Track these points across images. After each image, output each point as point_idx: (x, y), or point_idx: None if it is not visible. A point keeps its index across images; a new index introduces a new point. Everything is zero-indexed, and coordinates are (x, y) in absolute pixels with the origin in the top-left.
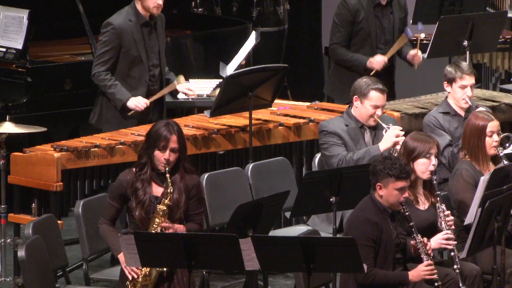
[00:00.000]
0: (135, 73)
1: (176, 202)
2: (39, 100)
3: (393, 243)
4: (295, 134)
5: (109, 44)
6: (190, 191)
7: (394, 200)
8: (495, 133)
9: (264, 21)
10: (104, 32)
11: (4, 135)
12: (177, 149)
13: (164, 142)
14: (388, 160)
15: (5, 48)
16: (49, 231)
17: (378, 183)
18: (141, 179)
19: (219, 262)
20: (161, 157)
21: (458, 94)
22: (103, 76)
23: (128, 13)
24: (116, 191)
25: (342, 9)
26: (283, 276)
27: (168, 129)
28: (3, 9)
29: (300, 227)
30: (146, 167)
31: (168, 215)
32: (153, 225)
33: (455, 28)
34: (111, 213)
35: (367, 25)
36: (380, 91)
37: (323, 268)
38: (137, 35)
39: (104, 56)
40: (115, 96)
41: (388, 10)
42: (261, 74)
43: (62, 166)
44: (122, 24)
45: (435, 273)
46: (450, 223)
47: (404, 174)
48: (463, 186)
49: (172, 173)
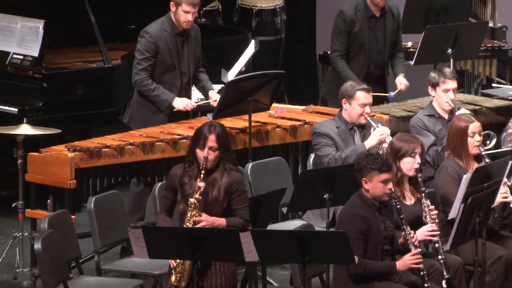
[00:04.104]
0: (168, 79)
1: (214, 199)
2: (54, 104)
3: (381, 235)
4: (291, 136)
5: (148, 52)
6: (231, 187)
7: (379, 192)
8: (476, 134)
9: (263, 30)
10: (143, 41)
11: (22, 137)
12: (216, 148)
13: (203, 140)
14: (371, 156)
15: (23, 56)
16: (63, 225)
17: (363, 178)
18: (188, 175)
19: (221, 254)
20: (201, 154)
21: (441, 97)
22: (146, 82)
23: (164, 23)
24: (169, 182)
25: (339, 20)
26: (280, 267)
27: (208, 129)
28: (21, 19)
29: (296, 222)
30: (193, 164)
31: (205, 210)
32: (186, 218)
33: (440, 37)
34: (165, 203)
35: (361, 36)
36: (365, 91)
37: (317, 259)
38: (171, 44)
39: (142, 63)
40: (160, 98)
41: (381, 22)
42: (259, 80)
43: (75, 165)
44: (158, 33)
45: (420, 262)
46: (434, 216)
47: (386, 166)
48: (448, 181)
49: (213, 171)
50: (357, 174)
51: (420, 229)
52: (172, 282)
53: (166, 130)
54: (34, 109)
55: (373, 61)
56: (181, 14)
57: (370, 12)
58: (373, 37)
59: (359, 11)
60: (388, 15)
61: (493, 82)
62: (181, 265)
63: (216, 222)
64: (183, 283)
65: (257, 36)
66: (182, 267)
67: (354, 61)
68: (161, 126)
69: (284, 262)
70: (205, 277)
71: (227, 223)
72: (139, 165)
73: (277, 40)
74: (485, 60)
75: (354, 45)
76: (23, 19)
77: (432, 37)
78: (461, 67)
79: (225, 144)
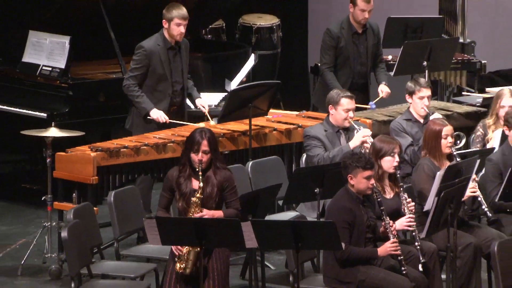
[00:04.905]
0: (160, 88)
1: (208, 194)
2: (78, 110)
3: (364, 225)
4: (287, 138)
5: (140, 63)
6: (223, 183)
7: (363, 187)
8: (449, 136)
9: (261, 45)
10: (137, 53)
11: (50, 138)
12: (208, 151)
13: (197, 146)
14: (355, 155)
15: (51, 68)
16: (86, 216)
17: (349, 175)
18: (183, 176)
19: (225, 241)
20: (196, 158)
21: (417, 104)
22: (132, 88)
23: (157, 38)
24: (166, 184)
25: (327, 37)
26: (276, 252)
27: (200, 135)
28: (49, 36)
29: (290, 213)
30: (186, 166)
31: (202, 205)
32: (189, 214)
33: (417, 51)
34: (163, 202)
35: (346, 50)
36: (348, 97)
37: (309, 246)
38: (163, 57)
39: (134, 72)
40: (140, 105)
41: (363, 37)
42: (258, 89)
43: (97, 163)
44: (152, 47)
45: (399, 249)
46: (412, 208)
47: (369, 164)
48: (424, 177)
49: (206, 171)
50: (343, 171)
51: (399, 220)
52: (177, 269)
53: (176, 132)
54: (61, 114)
55: (357, 72)
56: (174, 28)
57: (353, 29)
58: (356, 51)
59: (343, 29)
60: (369, 31)
61: (463, 90)
62: (185, 254)
63: (215, 215)
64: (187, 270)
65: (256, 51)
66: (187, 256)
67: (341, 72)
68: (172, 129)
69: (280, 248)
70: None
71: (225, 215)
72: (152, 163)
73: (274, 54)
74: (456, 71)
75: (340, 59)
76: (51, 35)
77: (410, 51)
78: (435, 77)
79: (215, 147)
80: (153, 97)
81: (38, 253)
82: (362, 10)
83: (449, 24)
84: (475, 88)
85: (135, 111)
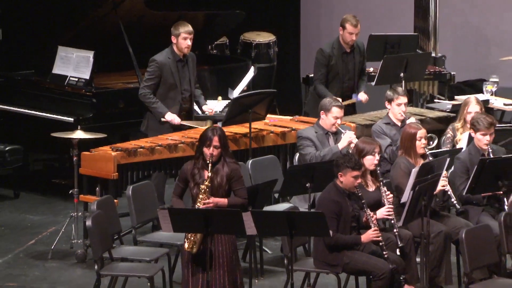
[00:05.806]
0: (171, 95)
1: (218, 184)
2: (101, 115)
3: (349, 215)
4: (282, 139)
5: (153, 74)
6: (230, 175)
7: (351, 184)
8: (423, 138)
9: (260, 59)
10: (151, 65)
11: (76, 140)
12: (219, 146)
13: (209, 141)
14: (347, 156)
15: (77, 78)
16: (108, 207)
17: (339, 173)
18: (197, 167)
19: (228, 228)
20: (207, 152)
21: (395, 110)
22: (148, 96)
23: (168, 52)
24: (181, 175)
25: (320, 56)
26: (273, 238)
27: (212, 132)
28: (76, 51)
29: (285, 205)
30: (200, 159)
31: (212, 193)
32: (198, 200)
33: (395, 64)
34: (178, 190)
35: (336, 67)
36: (339, 107)
37: (301, 233)
38: (173, 68)
39: (148, 82)
40: (157, 110)
41: (351, 56)
42: (257, 97)
43: (117, 161)
44: (163, 60)
45: (380, 236)
46: (390, 200)
47: (357, 166)
48: (401, 174)
49: (216, 163)
50: (335, 168)
51: (379, 210)
52: (185, 248)
53: (186, 135)
54: (86, 119)
55: (345, 86)
56: (181, 42)
57: (342, 49)
58: (345, 68)
59: (334, 48)
60: (356, 50)
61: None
62: (194, 236)
63: (219, 202)
64: (194, 249)
65: (255, 64)
66: (195, 237)
67: (331, 85)
68: (182, 132)
69: (276, 234)
70: (212, 244)
71: (230, 201)
72: (165, 162)
73: (271, 66)
74: (429, 81)
75: (331, 74)
76: (78, 50)
77: (389, 64)
78: (410, 86)
79: (225, 143)
80: (164, 103)
81: (66, 240)
82: (350, 33)
83: (423, 40)
84: (445, 96)
85: (149, 116)
